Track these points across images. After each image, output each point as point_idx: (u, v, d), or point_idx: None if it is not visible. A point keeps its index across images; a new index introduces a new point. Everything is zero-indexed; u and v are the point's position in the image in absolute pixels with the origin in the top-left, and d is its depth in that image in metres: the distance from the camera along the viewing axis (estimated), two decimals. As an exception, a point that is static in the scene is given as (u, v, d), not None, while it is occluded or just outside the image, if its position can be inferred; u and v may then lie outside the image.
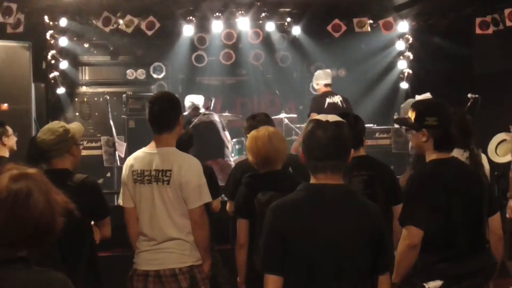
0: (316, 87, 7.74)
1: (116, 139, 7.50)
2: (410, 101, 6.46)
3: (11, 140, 5.08)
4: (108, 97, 8.01)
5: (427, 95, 7.36)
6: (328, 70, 7.76)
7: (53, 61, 8.61)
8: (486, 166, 4.09)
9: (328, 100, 7.56)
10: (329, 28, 8.65)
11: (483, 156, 4.13)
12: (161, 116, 3.36)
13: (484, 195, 3.04)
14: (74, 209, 1.83)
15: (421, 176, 3.07)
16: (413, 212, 2.93)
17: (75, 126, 3.52)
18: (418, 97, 7.41)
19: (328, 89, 7.69)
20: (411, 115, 3.10)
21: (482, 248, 3.03)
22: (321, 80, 7.62)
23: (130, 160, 3.43)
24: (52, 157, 3.37)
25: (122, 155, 7.34)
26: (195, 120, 7.16)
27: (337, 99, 7.63)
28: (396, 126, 8.34)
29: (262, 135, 3.52)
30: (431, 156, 3.05)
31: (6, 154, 5.03)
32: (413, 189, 3.02)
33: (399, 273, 2.97)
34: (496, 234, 3.12)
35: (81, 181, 3.36)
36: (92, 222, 3.52)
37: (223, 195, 4.65)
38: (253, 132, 3.60)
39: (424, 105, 3.19)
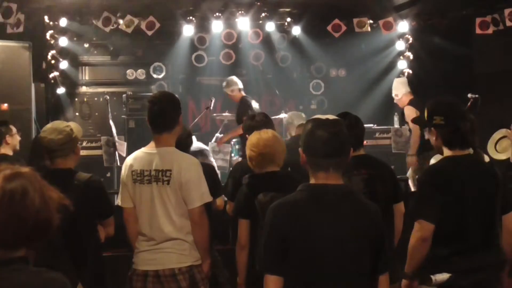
0: (231, 93, 7.77)
1: (116, 139, 7.50)
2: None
3: (15, 140, 5.21)
4: (108, 97, 8.01)
5: (404, 79, 7.46)
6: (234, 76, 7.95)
7: (53, 61, 8.61)
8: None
9: (251, 103, 7.63)
10: (329, 28, 8.64)
11: (485, 156, 4.15)
12: (161, 116, 3.36)
13: (498, 193, 3.07)
14: (69, 204, 1.83)
15: (432, 172, 3.15)
16: (424, 207, 3.01)
17: (75, 126, 3.53)
18: (396, 80, 7.50)
19: (243, 93, 7.75)
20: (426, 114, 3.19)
21: (492, 244, 3.05)
22: (234, 85, 7.70)
23: (129, 160, 3.43)
24: (57, 156, 3.39)
25: (124, 154, 7.35)
26: None
27: (254, 102, 7.70)
28: (396, 126, 8.35)
29: (265, 135, 3.55)
30: (446, 153, 3.12)
31: (10, 152, 5.14)
32: (424, 185, 3.09)
33: (411, 264, 3.06)
34: (509, 232, 3.13)
35: (87, 181, 3.38)
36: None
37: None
38: (256, 133, 3.61)
39: (433, 104, 3.23)
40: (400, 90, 7.09)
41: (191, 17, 8.55)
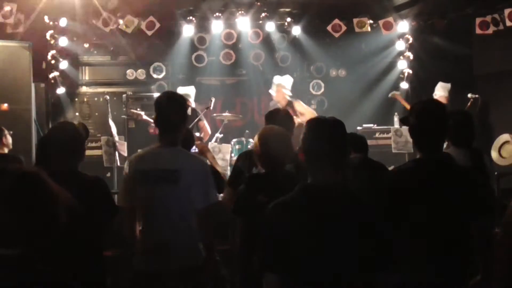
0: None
1: (116, 139, 7.50)
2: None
3: (8, 139, 5.52)
4: (108, 97, 8.01)
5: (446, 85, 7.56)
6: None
7: (53, 61, 8.62)
8: (489, 166, 4.10)
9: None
10: (329, 28, 8.66)
11: (485, 156, 4.14)
12: (169, 116, 3.35)
13: (469, 198, 2.91)
14: (75, 204, 1.84)
15: (394, 173, 3.10)
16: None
17: (81, 126, 3.55)
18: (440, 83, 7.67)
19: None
20: None
21: (451, 250, 2.87)
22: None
23: (133, 159, 3.43)
24: (61, 157, 3.38)
25: (125, 154, 7.35)
26: None
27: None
28: (397, 126, 8.37)
29: (274, 134, 3.51)
30: (417, 154, 3.06)
31: (6, 151, 5.44)
32: (385, 186, 3.01)
33: None
34: (479, 239, 2.93)
35: (91, 181, 3.37)
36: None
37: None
38: (263, 131, 3.58)
39: (414, 103, 3.18)
40: (438, 91, 7.49)
41: (191, 17, 8.56)
